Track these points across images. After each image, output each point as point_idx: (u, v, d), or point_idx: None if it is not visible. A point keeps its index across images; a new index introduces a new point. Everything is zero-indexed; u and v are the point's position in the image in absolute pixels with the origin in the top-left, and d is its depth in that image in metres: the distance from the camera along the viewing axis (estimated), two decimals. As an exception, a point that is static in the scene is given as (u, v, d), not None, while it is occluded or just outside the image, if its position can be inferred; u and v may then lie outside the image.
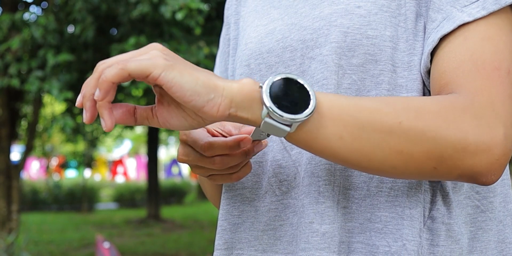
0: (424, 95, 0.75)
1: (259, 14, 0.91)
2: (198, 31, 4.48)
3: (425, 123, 0.64)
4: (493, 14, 0.71)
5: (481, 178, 0.67)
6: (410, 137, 0.64)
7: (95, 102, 0.62)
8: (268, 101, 0.61)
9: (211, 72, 0.63)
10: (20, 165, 6.18)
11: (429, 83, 0.74)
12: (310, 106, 0.62)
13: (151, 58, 0.59)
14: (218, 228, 0.86)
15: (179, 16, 4.16)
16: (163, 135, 17.67)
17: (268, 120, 0.62)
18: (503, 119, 0.66)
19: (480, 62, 0.68)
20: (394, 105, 0.65)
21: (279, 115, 0.61)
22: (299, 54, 0.80)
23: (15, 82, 4.79)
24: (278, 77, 0.63)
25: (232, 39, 0.98)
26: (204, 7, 4.29)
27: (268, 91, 0.62)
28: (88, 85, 0.61)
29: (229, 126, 0.75)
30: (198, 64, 4.60)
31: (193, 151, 0.73)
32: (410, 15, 0.76)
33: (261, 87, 0.62)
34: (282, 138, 0.79)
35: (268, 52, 0.84)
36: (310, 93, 0.63)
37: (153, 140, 12.52)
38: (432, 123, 0.64)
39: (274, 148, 0.81)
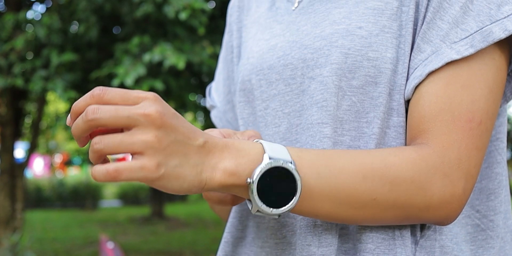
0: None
1: (262, 27, 0.91)
2: (202, 31, 4.48)
3: (398, 194, 0.68)
4: (479, 52, 0.72)
5: (439, 224, 0.73)
6: (381, 208, 0.68)
7: (88, 138, 0.64)
8: (258, 202, 0.64)
9: (204, 136, 0.63)
10: (24, 163, 6.19)
11: (407, 110, 0.75)
12: (296, 195, 0.65)
13: (142, 167, 0.58)
14: (222, 240, 0.87)
15: (183, 16, 4.15)
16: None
17: (257, 213, 0.66)
18: (466, 173, 0.70)
19: (457, 113, 0.71)
20: (372, 178, 0.67)
21: (269, 212, 0.65)
22: (300, 73, 0.80)
23: (19, 82, 4.79)
24: (266, 167, 0.64)
25: (236, 47, 0.98)
26: (208, 6, 4.28)
27: (256, 190, 0.64)
28: (77, 129, 0.61)
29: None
30: (201, 64, 4.60)
31: None
32: (408, 37, 0.75)
33: (248, 183, 0.64)
34: None
35: (269, 69, 0.84)
36: (296, 178, 0.65)
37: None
38: (404, 193, 0.68)
39: None
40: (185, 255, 7.73)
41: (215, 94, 1.02)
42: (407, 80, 0.75)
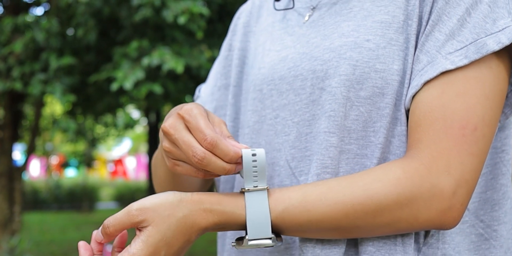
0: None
1: (273, 37, 0.93)
2: (200, 35, 4.50)
3: (382, 218, 0.71)
4: (474, 62, 0.73)
5: (440, 229, 0.73)
6: (367, 230, 0.72)
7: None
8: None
9: (193, 233, 0.78)
10: (23, 167, 6.18)
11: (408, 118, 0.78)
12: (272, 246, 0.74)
13: None
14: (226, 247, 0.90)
15: (181, 20, 4.17)
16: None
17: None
18: (458, 179, 0.71)
19: (450, 121, 0.72)
20: (354, 213, 0.71)
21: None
22: (309, 83, 0.82)
23: (18, 86, 4.78)
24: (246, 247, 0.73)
25: (238, 49, 1.01)
26: (206, 10, 4.30)
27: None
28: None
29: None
30: (199, 67, 4.62)
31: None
32: (412, 49, 0.78)
33: (233, 245, 0.74)
34: (291, 163, 0.82)
35: (279, 79, 0.87)
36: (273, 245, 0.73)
37: (153, 139, 12.52)
38: (388, 214, 0.71)
39: (282, 173, 0.83)
40: (183, 258, 7.74)
41: (204, 86, 1.07)
42: None
